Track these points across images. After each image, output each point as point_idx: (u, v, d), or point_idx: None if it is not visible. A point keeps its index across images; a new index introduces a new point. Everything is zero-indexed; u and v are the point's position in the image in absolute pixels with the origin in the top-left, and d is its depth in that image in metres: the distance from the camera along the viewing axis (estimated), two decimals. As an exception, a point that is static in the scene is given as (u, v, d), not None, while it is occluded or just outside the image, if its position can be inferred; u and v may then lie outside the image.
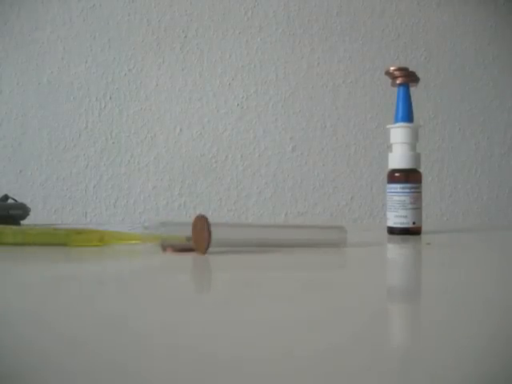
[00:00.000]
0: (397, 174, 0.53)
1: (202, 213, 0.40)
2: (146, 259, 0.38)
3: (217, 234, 0.38)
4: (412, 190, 0.53)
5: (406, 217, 0.52)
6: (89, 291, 0.25)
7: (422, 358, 0.15)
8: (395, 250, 0.44)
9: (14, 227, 0.45)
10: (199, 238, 0.38)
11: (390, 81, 0.56)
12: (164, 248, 0.40)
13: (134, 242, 0.42)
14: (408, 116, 0.54)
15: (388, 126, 0.55)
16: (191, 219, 0.38)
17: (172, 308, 0.22)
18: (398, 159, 0.54)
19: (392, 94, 0.58)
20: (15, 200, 0.66)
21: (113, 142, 0.89)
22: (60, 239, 0.42)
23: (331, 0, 0.92)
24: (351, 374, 0.14)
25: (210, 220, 0.38)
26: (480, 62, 0.95)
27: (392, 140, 0.55)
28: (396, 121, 0.54)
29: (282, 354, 0.16)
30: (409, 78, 0.54)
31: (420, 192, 0.53)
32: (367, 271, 0.32)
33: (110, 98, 0.89)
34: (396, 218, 0.53)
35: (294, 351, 0.16)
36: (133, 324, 0.19)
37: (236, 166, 0.91)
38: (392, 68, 0.55)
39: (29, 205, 0.66)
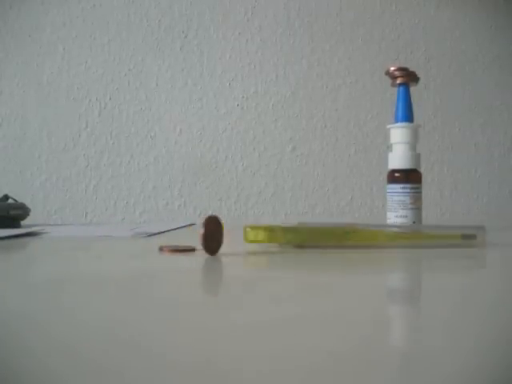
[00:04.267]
0: (397, 174, 0.53)
1: (202, 213, 0.40)
2: (147, 259, 0.38)
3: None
4: (412, 190, 0.52)
5: (406, 217, 0.52)
6: (87, 292, 0.25)
7: (423, 360, 0.15)
8: (395, 250, 0.44)
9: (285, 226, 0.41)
10: (213, 239, 0.38)
11: (390, 81, 0.56)
12: (161, 248, 0.40)
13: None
14: (408, 116, 0.54)
15: (388, 126, 0.55)
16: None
17: (179, 310, 0.22)
18: (398, 159, 0.54)
19: (392, 94, 0.58)
20: (15, 200, 0.66)
21: (113, 142, 0.89)
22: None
23: (331, 0, 0.92)
24: (352, 375, 0.14)
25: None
26: (480, 62, 0.95)
27: (392, 140, 0.55)
28: (396, 121, 0.54)
29: (287, 355, 0.16)
30: (409, 77, 0.54)
31: (420, 192, 0.53)
32: (367, 271, 0.32)
33: (110, 98, 0.89)
34: (396, 218, 0.53)
35: (302, 353, 0.16)
36: (134, 327, 0.19)
37: (236, 166, 0.90)
38: (392, 68, 0.55)
39: (29, 205, 0.66)
